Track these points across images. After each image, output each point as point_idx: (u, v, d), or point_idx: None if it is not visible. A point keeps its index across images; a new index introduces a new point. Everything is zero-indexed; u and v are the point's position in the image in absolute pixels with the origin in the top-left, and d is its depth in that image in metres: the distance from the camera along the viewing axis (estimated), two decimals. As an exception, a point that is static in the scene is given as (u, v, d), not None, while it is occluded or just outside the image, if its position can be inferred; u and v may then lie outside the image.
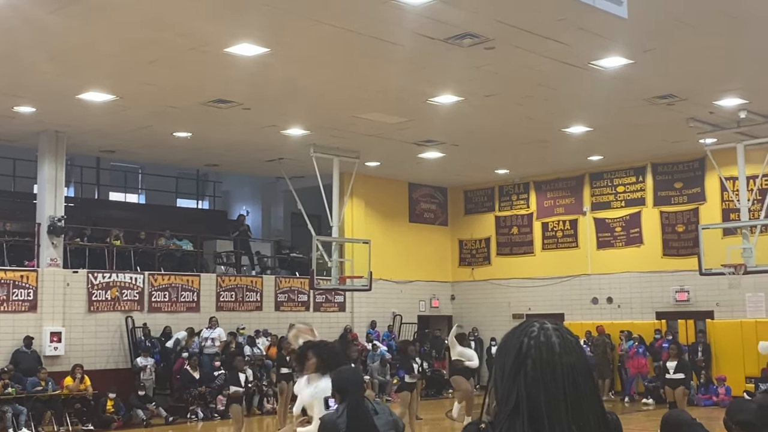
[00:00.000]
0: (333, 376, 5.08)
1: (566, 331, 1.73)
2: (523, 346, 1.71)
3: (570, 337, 1.72)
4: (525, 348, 1.70)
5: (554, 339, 1.70)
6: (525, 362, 1.68)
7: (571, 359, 1.68)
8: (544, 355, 1.68)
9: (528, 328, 1.74)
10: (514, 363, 1.69)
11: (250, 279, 21.01)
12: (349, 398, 4.45)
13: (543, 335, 1.71)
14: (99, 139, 18.22)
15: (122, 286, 18.58)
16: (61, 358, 17.21)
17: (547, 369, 1.66)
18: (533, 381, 1.66)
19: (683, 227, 21.28)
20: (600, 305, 22.37)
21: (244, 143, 18.61)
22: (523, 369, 1.68)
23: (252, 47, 12.02)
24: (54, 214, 17.62)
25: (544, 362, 1.67)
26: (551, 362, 1.67)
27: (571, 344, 1.70)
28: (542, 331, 1.72)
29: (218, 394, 18.13)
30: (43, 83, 13.77)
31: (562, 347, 1.69)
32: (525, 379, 1.66)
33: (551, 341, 1.70)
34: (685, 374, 14.85)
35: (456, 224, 25.61)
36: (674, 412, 5.02)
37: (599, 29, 11.36)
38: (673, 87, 14.67)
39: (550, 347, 1.69)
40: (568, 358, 1.68)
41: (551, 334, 1.71)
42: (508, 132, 17.96)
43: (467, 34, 11.54)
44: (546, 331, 1.72)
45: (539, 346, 1.69)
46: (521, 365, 1.68)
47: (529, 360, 1.68)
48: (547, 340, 1.70)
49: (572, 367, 1.67)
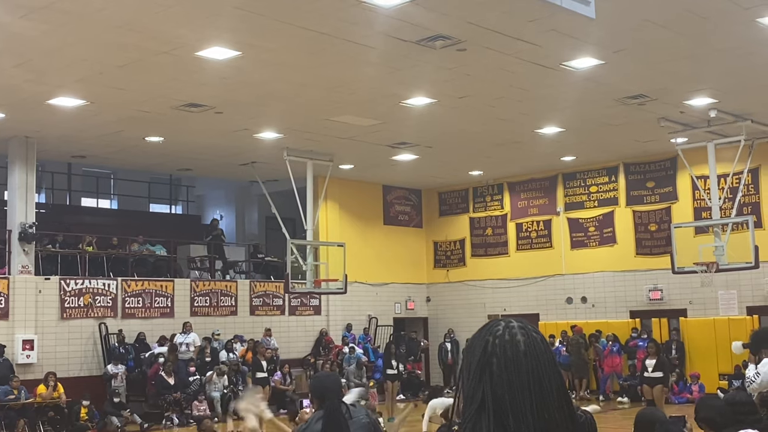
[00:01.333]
0: (310, 383, 5.10)
1: (532, 329, 1.74)
2: (488, 345, 1.71)
3: (535, 334, 1.73)
4: (490, 347, 1.70)
5: (519, 337, 1.71)
6: (490, 361, 1.69)
7: (537, 356, 1.69)
8: (509, 353, 1.68)
9: (494, 327, 1.75)
10: (480, 362, 1.70)
11: (224, 284, 20.89)
12: (327, 405, 4.41)
13: (508, 333, 1.72)
14: (70, 144, 18.05)
15: (95, 292, 18.40)
16: (33, 365, 17.02)
17: (511, 367, 1.67)
18: (498, 379, 1.66)
19: (656, 226, 21.46)
20: (574, 305, 22.49)
21: (217, 147, 18.52)
22: (489, 368, 1.68)
23: (223, 51, 11.97)
24: (25, 220, 17.42)
25: (509, 360, 1.68)
26: (516, 360, 1.68)
27: (536, 342, 1.71)
28: (507, 330, 1.72)
29: (193, 400, 18.04)
30: (13, 88, 13.62)
31: (527, 345, 1.70)
32: (491, 378, 1.67)
33: (516, 339, 1.70)
34: (663, 372, 14.96)
35: (430, 226, 25.64)
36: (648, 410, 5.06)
37: (570, 30, 11.44)
38: (644, 87, 14.79)
39: (515, 345, 1.69)
40: (533, 355, 1.69)
41: (516, 332, 1.72)
42: (481, 133, 18.02)
43: (439, 36, 11.57)
44: (511, 330, 1.72)
45: (504, 344, 1.70)
46: (486, 364, 1.69)
47: (494, 358, 1.69)
48: (512, 339, 1.71)
49: (537, 365, 1.68)
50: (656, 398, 14.64)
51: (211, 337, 19.70)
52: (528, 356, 1.68)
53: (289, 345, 21.36)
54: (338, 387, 4.71)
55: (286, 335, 21.37)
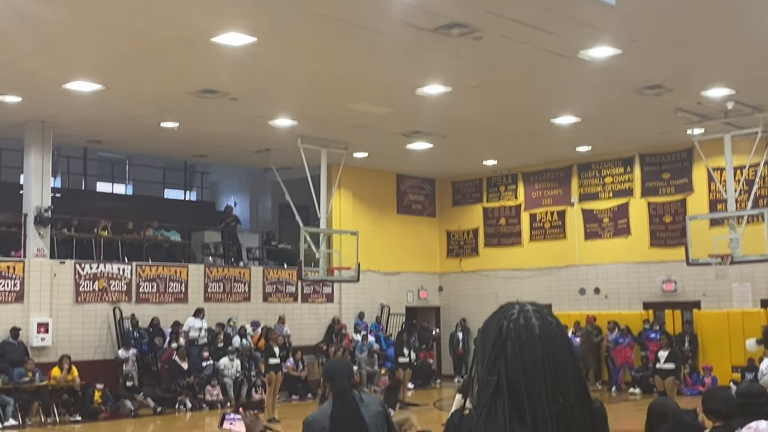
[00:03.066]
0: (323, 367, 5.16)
1: (547, 312, 1.73)
2: (502, 328, 1.70)
3: (550, 318, 1.72)
4: (504, 330, 1.70)
5: (534, 321, 1.70)
6: (505, 344, 1.68)
7: (552, 340, 1.68)
8: (524, 336, 1.67)
9: (508, 311, 1.74)
10: (494, 346, 1.69)
11: (238, 270, 20.97)
12: (336, 386, 4.44)
13: (522, 317, 1.71)
14: (86, 129, 18.12)
15: (110, 276, 18.51)
16: (48, 349, 17.15)
17: (526, 351, 1.66)
18: (513, 363, 1.66)
19: (671, 218, 21.36)
20: (587, 296, 22.44)
21: (232, 134, 18.55)
22: (503, 351, 1.67)
23: (239, 36, 11.96)
24: (41, 204, 17.53)
25: (524, 344, 1.67)
26: (531, 344, 1.67)
27: (551, 325, 1.70)
28: (522, 314, 1.71)
29: (206, 385, 18.15)
30: (30, 73, 13.68)
31: (541, 329, 1.69)
32: (505, 362, 1.66)
33: (531, 323, 1.69)
34: (675, 364, 14.92)
35: (444, 215, 25.62)
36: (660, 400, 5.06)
37: (588, 19, 11.37)
38: (661, 77, 14.70)
39: (530, 329, 1.68)
40: (548, 339, 1.68)
41: (531, 316, 1.71)
42: (496, 123, 17.97)
43: (455, 24, 11.53)
44: (526, 314, 1.71)
45: (518, 328, 1.69)
46: (501, 348, 1.68)
47: (509, 342, 1.68)
48: (526, 323, 1.70)
49: (552, 349, 1.67)
50: (668, 390, 14.61)
51: (225, 323, 19.80)
52: (543, 340, 1.67)
53: (301, 332, 21.43)
54: (348, 370, 4.73)
55: (298, 322, 21.44)
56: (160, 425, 16.75)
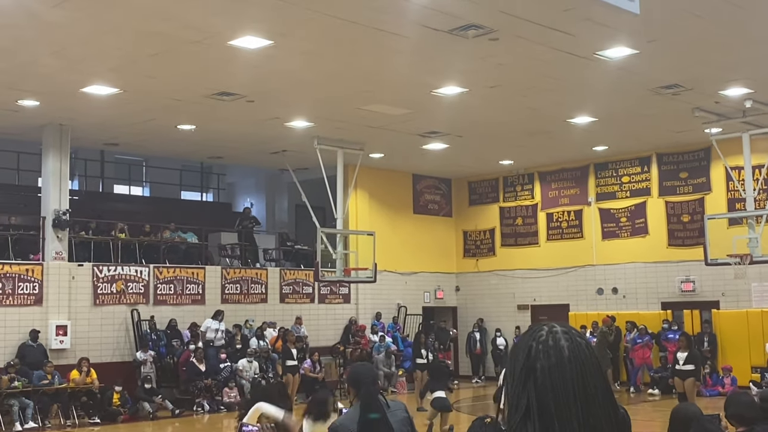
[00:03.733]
0: (348, 372, 5.18)
1: (576, 333, 1.71)
2: (531, 350, 1.68)
3: (580, 339, 1.70)
4: (534, 352, 1.68)
5: (563, 342, 1.68)
6: (534, 366, 1.66)
7: (581, 361, 1.66)
8: (553, 359, 1.66)
9: (537, 332, 1.72)
10: (523, 368, 1.67)
11: (255, 271, 21.01)
12: (362, 391, 4.44)
13: (551, 339, 1.69)
14: (103, 132, 18.21)
15: (127, 279, 18.59)
16: (67, 351, 17.24)
17: (556, 373, 1.64)
18: (542, 385, 1.64)
19: (689, 217, 21.23)
20: (605, 296, 22.34)
21: (248, 135, 18.59)
22: (533, 374, 1.66)
23: (256, 40, 11.99)
24: (59, 207, 17.63)
25: (553, 366, 1.65)
26: (560, 366, 1.65)
27: (580, 347, 1.68)
28: (551, 335, 1.69)
29: (224, 387, 18.19)
30: (47, 77, 13.76)
31: (571, 350, 1.67)
32: (534, 384, 1.65)
33: (560, 344, 1.67)
34: (695, 365, 14.81)
35: (460, 215, 25.58)
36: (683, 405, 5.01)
37: (605, 20, 11.31)
38: (679, 77, 14.61)
39: (559, 350, 1.66)
40: (577, 360, 1.66)
41: (560, 337, 1.69)
42: (512, 123, 17.92)
43: (471, 26, 11.50)
44: (555, 335, 1.69)
45: (548, 350, 1.67)
46: (530, 370, 1.66)
47: (538, 364, 1.66)
48: (555, 344, 1.68)
49: (582, 370, 1.65)
50: (688, 391, 14.52)
51: (243, 325, 19.85)
52: (572, 362, 1.65)
53: (318, 333, 21.45)
54: (374, 375, 4.74)
55: (315, 323, 21.46)
56: (178, 427, 16.82)
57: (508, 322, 23.70)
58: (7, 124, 17.21)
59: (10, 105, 15.56)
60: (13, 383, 15.56)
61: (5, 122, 17.04)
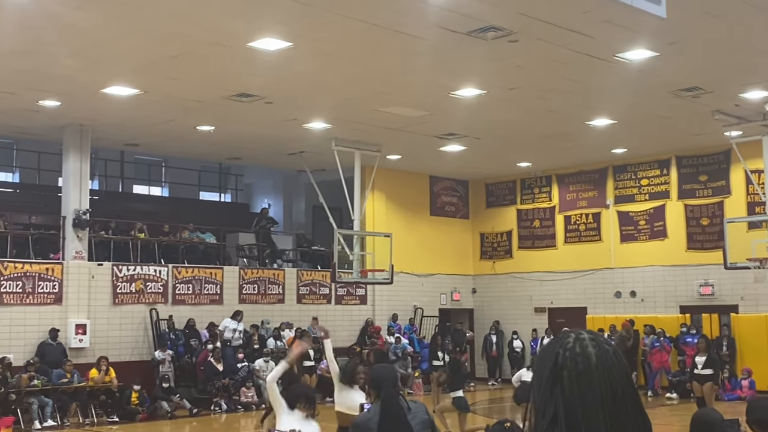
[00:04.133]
0: (369, 374, 5.23)
1: (603, 341, 1.71)
2: (558, 357, 1.69)
3: (607, 347, 1.70)
4: (561, 359, 1.68)
5: (590, 349, 1.68)
6: (561, 374, 1.66)
7: (609, 369, 1.66)
8: (580, 366, 1.66)
9: (564, 339, 1.72)
10: (550, 375, 1.67)
11: (272, 272, 21.08)
12: (383, 394, 4.45)
13: (579, 346, 1.69)
14: (123, 132, 18.34)
15: (146, 278, 18.70)
16: (86, 350, 17.36)
17: (583, 380, 1.65)
18: (570, 392, 1.64)
19: (708, 220, 21.11)
20: (623, 299, 22.25)
21: (266, 137, 18.66)
22: (560, 381, 1.66)
23: (275, 41, 12.03)
24: (79, 207, 17.75)
25: (580, 373, 1.65)
26: (588, 373, 1.65)
27: (608, 354, 1.68)
28: (578, 342, 1.70)
29: (241, 387, 18.26)
30: (68, 78, 13.87)
31: (598, 357, 1.67)
32: (562, 391, 1.65)
33: (587, 351, 1.68)
34: (713, 370, 14.72)
35: (477, 217, 25.54)
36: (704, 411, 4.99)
37: (625, 22, 11.27)
38: (699, 79, 14.53)
39: (586, 358, 1.67)
40: (605, 368, 1.66)
41: (587, 344, 1.69)
42: (530, 125, 17.88)
43: (490, 27, 11.49)
44: (582, 342, 1.70)
45: (575, 357, 1.67)
46: (557, 377, 1.66)
47: (565, 371, 1.66)
48: (582, 351, 1.68)
49: (609, 377, 1.65)
50: (706, 396, 14.43)
51: (260, 325, 19.91)
52: (600, 369, 1.65)
53: (334, 334, 21.36)
54: (394, 377, 4.74)
55: (332, 324, 21.46)
56: (196, 427, 16.89)
57: (525, 325, 23.64)
58: (28, 124, 17.36)
59: (31, 105, 15.69)
60: (33, 381, 15.68)
61: (27, 122, 17.19)
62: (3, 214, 18.11)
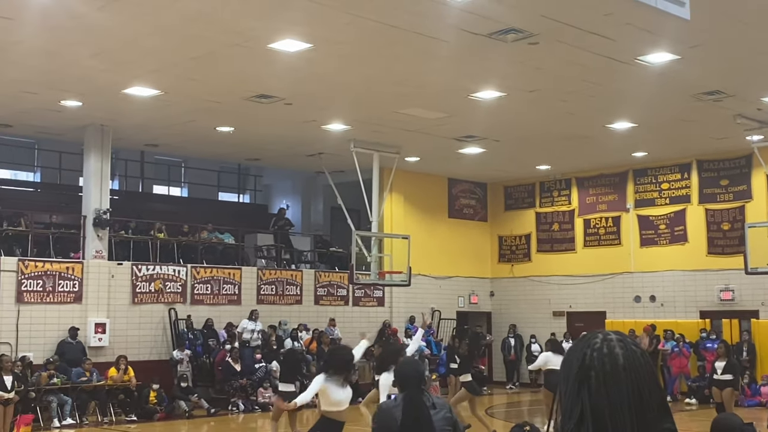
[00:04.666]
0: (395, 370, 5.29)
1: (631, 341, 1.70)
2: (585, 358, 1.68)
3: (634, 347, 1.69)
4: (588, 360, 1.68)
5: (618, 350, 1.67)
6: (588, 374, 1.66)
7: (636, 369, 1.65)
8: (608, 366, 1.65)
9: (591, 339, 1.72)
10: (577, 375, 1.67)
11: (290, 273, 21.12)
12: (406, 392, 4.45)
13: (606, 346, 1.68)
14: (143, 133, 18.44)
15: (165, 278, 18.79)
16: (105, 349, 17.46)
17: (610, 381, 1.64)
18: (597, 393, 1.64)
19: (729, 225, 20.95)
20: (642, 303, 22.11)
21: (285, 138, 18.71)
22: (587, 381, 1.65)
23: (295, 43, 12.06)
24: (99, 206, 17.87)
25: (608, 374, 1.65)
26: (615, 374, 1.65)
27: (635, 355, 1.67)
28: (605, 343, 1.69)
29: (259, 387, 18.30)
30: (90, 78, 13.96)
31: (625, 358, 1.66)
32: (588, 392, 1.64)
33: (614, 352, 1.67)
34: (733, 375, 14.59)
35: (496, 220, 25.48)
36: (724, 416, 4.95)
37: (646, 25, 11.21)
38: (721, 83, 14.43)
39: (614, 358, 1.66)
40: (632, 368, 1.65)
41: (615, 345, 1.68)
42: (550, 128, 17.82)
43: (511, 29, 11.46)
44: (609, 343, 1.69)
45: (602, 357, 1.67)
46: (584, 378, 1.66)
47: (592, 372, 1.66)
48: (610, 352, 1.67)
49: (637, 378, 1.65)
50: (726, 401, 14.29)
51: (277, 326, 19.95)
52: (627, 370, 1.65)
53: (352, 335, 21.46)
54: (419, 375, 4.70)
55: (349, 326, 21.49)
56: (213, 426, 16.94)
57: (544, 329, 23.52)
58: (50, 124, 17.50)
59: (53, 105, 15.81)
60: (52, 380, 15.79)
61: (48, 122, 17.33)
62: (24, 213, 18.26)
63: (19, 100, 15.45)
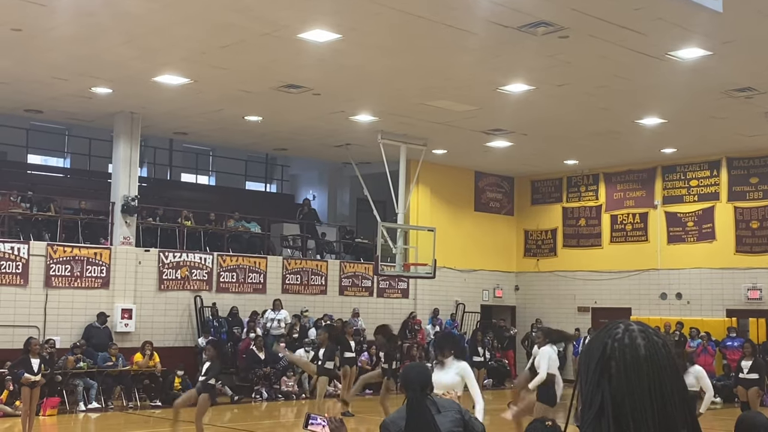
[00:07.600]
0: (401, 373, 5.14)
1: (653, 332, 1.69)
2: (606, 348, 1.67)
3: (656, 338, 1.67)
4: (609, 350, 1.66)
5: (639, 341, 1.66)
6: (609, 364, 1.65)
7: (658, 361, 1.64)
8: (629, 357, 1.64)
9: (613, 329, 1.70)
10: (598, 365, 1.66)
11: (315, 263, 21.20)
12: (409, 396, 4.35)
13: (627, 337, 1.67)
14: (172, 121, 18.56)
15: (192, 265, 18.93)
16: (131, 334, 17.63)
17: (631, 372, 1.63)
18: (618, 383, 1.63)
19: (758, 223, 20.72)
20: (669, 301, 21.95)
21: (313, 128, 18.75)
22: (607, 372, 1.64)
23: (325, 33, 12.08)
24: (128, 193, 18.02)
25: (629, 364, 1.63)
26: (636, 365, 1.63)
27: (657, 346, 1.66)
28: (627, 333, 1.68)
29: (282, 376, 18.40)
30: (120, 65, 14.07)
31: (647, 349, 1.65)
32: (609, 382, 1.63)
33: (636, 343, 1.65)
34: (759, 374, 14.46)
35: (522, 214, 25.38)
36: (749, 414, 4.91)
37: (678, 19, 11.11)
38: (753, 80, 14.27)
39: (635, 349, 1.64)
40: (654, 359, 1.64)
41: (636, 335, 1.67)
42: (579, 122, 17.71)
43: (541, 23, 11.40)
44: (631, 333, 1.67)
45: (623, 348, 1.65)
46: (605, 368, 1.65)
47: (613, 362, 1.64)
48: (631, 342, 1.66)
49: (658, 369, 1.63)
50: (751, 400, 14.17)
51: (300, 315, 20.04)
52: (649, 361, 1.63)
53: (375, 327, 21.47)
54: (424, 379, 4.53)
55: (373, 317, 21.53)
56: (237, 414, 17.05)
57: (568, 324, 23.37)
58: (80, 110, 17.67)
59: (84, 92, 15.96)
60: (79, 364, 15.99)
61: (79, 108, 17.49)
62: (54, 198, 18.47)
63: (50, 87, 15.61)
